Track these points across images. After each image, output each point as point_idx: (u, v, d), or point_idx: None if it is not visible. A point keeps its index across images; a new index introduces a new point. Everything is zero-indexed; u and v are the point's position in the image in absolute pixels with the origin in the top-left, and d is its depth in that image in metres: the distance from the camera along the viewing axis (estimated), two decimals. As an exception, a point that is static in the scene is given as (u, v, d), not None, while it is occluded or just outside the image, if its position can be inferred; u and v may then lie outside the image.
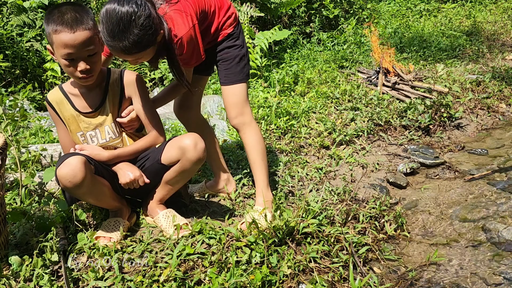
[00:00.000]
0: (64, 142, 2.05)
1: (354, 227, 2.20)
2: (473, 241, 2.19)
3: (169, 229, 2.04)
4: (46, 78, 4.77)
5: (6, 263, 1.82)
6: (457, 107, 3.84)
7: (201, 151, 1.90)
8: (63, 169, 1.74)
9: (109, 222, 2.04)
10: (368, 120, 3.54)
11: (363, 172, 2.83)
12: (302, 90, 4.37)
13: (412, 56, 5.43)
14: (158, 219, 2.10)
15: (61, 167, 1.74)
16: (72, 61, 1.79)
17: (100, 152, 1.92)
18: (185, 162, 1.92)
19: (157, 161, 1.97)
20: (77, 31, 1.74)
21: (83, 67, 1.80)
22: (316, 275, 1.84)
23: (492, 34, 6.19)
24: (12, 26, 4.93)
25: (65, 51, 1.76)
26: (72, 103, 1.99)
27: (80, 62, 1.79)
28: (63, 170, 1.74)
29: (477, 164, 3.02)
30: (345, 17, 7.23)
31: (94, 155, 1.90)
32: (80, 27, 1.75)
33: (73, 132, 2.01)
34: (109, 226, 2.02)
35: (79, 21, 1.75)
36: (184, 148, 1.89)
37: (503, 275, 1.92)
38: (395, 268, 2.00)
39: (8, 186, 2.43)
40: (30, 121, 3.47)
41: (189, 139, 1.89)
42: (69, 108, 1.99)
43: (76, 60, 1.79)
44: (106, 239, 1.97)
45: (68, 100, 1.99)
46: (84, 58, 1.80)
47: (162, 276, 1.75)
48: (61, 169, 1.74)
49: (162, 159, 1.95)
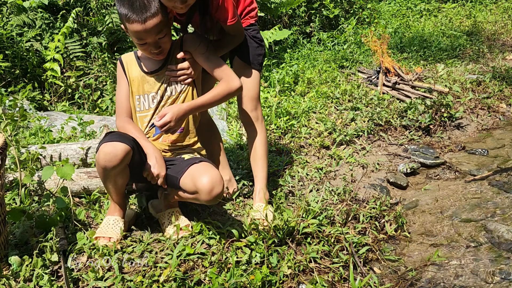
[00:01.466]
0: (121, 101, 2.09)
1: (354, 227, 2.20)
2: (473, 242, 2.19)
3: (169, 228, 2.04)
4: (46, 78, 4.77)
5: (6, 263, 1.82)
6: (457, 107, 3.83)
7: (216, 197, 1.82)
8: (107, 147, 1.79)
9: (108, 221, 2.03)
10: (368, 120, 3.53)
11: (363, 172, 2.82)
12: (302, 90, 4.37)
13: (412, 56, 5.42)
14: (163, 216, 2.10)
15: (107, 144, 1.79)
16: (145, 44, 1.90)
17: (180, 107, 1.93)
18: (199, 199, 1.88)
19: (177, 179, 1.92)
20: (147, 20, 1.81)
21: (155, 50, 1.92)
22: (316, 275, 1.83)
23: (493, 34, 6.19)
24: (12, 26, 4.92)
25: (136, 37, 1.88)
26: (141, 65, 2.07)
27: (152, 46, 1.90)
28: (107, 148, 1.79)
29: (477, 164, 3.01)
30: (345, 17, 7.23)
31: (175, 110, 1.91)
32: (149, 15, 1.81)
33: (133, 94, 2.07)
34: (108, 225, 2.02)
35: (148, 8, 1.81)
36: (199, 189, 1.81)
37: (503, 275, 1.92)
38: (395, 268, 2.00)
39: (7, 186, 2.43)
40: (29, 121, 3.46)
41: (207, 181, 1.80)
42: (136, 69, 2.07)
43: (148, 44, 1.89)
44: (106, 239, 1.96)
45: (138, 62, 2.07)
46: (155, 42, 1.89)
47: (162, 276, 1.74)
48: (106, 146, 1.79)
49: (180, 182, 1.90)
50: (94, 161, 2.71)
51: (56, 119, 3.76)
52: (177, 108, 1.91)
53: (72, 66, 5.02)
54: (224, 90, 2.00)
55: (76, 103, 4.81)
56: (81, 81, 4.90)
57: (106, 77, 4.96)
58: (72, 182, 2.39)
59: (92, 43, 5.21)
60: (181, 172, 1.90)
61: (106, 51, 5.19)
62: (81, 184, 2.41)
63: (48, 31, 5.09)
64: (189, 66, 2.03)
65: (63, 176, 2.05)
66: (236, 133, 3.39)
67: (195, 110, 1.99)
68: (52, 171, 2.07)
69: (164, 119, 1.88)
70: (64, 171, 2.07)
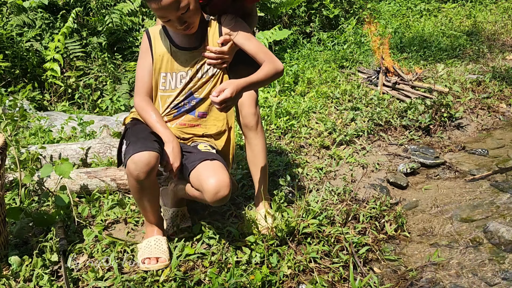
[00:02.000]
0: (142, 78, 1.94)
1: (354, 227, 2.20)
2: (473, 242, 2.19)
3: (170, 228, 2.04)
4: (46, 78, 4.77)
5: (6, 263, 1.82)
6: (457, 107, 3.83)
7: (221, 199, 1.74)
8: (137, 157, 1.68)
9: (148, 243, 1.90)
10: (368, 120, 3.53)
11: (363, 172, 2.82)
12: (302, 90, 4.37)
13: (412, 56, 5.42)
14: (168, 213, 2.07)
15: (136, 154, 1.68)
16: (169, 21, 1.80)
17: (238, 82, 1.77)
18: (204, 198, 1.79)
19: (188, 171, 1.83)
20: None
21: (180, 26, 1.81)
22: (316, 275, 1.83)
23: (493, 34, 6.19)
24: (12, 26, 4.93)
25: (158, 16, 1.80)
26: (172, 40, 1.93)
27: (176, 23, 1.80)
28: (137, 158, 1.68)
29: (477, 164, 3.01)
30: (345, 17, 7.23)
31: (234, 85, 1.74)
32: None
33: (159, 71, 1.93)
34: (149, 246, 1.88)
35: None
36: (205, 189, 1.74)
37: (503, 275, 1.92)
38: (395, 268, 2.00)
39: (7, 186, 2.43)
40: (29, 121, 3.47)
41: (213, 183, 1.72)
42: (166, 44, 1.93)
43: (172, 21, 1.79)
44: (153, 259, 1.83)
45: (168, 37, 1.94)
46: (179, 18, 1.78)
47: (162, 276, 1.75)
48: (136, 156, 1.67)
49: (190, 175, 1.81)
50: (93, 161, 2.72)
51: (56, 119, 3.76)
52: (236, 83, 1.74)
53: (72, 66, 5.03)
54: (272, 70, 1.87)
55: (76, 103, 4.82)
56: (81, 81, 4.91)
57: (106, 77, 4.96)
58: (72, 182, 2.39)
59: (92, 43, 5.21)
60: (193, 165, 1.80)
61: (106, 51, 5.20)
62: (81, 184, 2.41)
63: (48, 31, 5.10)
64: (229, 50, 1.94)
65: (61, 174, 2.06)
66: (236, 133, 3.39)
67: (248, 88, 1.82)
68: (50, 169, 2.08)
69: (224, 94, 1.69)
70: (62, 169, 2.08)
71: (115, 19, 5.27)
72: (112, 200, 2.34)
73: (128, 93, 5.02)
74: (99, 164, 2.69)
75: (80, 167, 2.69)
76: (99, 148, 2.80)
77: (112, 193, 2.41)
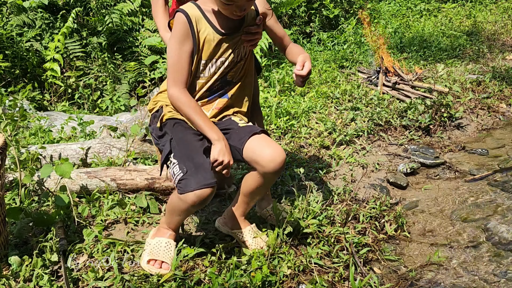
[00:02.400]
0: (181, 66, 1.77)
1: (354, 227, 2.20)
2: (473, 241, 2.19)
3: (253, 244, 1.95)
4: (46, 78, 4.77)
5: (6, 263, 1.82)
6: (457, 107, 3.83)
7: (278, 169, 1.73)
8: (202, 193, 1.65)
9: (159, 243, 1.87)
10: (368, 120, 3.53)
11: (363, 172, 2.82)
12: (302, 90, 4.37)
13: (412, 56, 5.42)
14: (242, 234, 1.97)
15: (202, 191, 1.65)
16: (231, 4, 1.68)
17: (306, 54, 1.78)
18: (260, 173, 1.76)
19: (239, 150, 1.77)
20: None
21: (239, 12, 1.70)
22: (316, 275, 1.83)
23: (493, 34, 6.18)
24: (12, 26, 4.93)
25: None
26: (212, 24, 1.78)
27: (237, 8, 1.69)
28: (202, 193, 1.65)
29: (477, 164, 3.01)
30: (345, 17, 7.22)
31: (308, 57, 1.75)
32: None
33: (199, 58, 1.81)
34: (159, 247, 1.85)
35: None
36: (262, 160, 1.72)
37: (503, 275, 1.92)
38: (395, 268, 2.00)
39: (7, 186, 2.43)
40: (29, 121, 3.47)
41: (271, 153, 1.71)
42: (209, 29, 1.77)
43: (235, 5, 1.68)
44: (158, 263, 1.82)
45: (207, 20, 1.78)
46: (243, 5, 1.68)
47: (163, 276, 1.74)
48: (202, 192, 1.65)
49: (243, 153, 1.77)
50: (93, 161, 2.72)
51: (56, 119, 3.76)
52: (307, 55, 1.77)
53: (72, 66, 5.03)
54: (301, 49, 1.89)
55: (76, 103, 4.82)
56: (81, 81, 4.91)
57: (106, 77, 4.97)
58: (72, 182, 2.39)
59: (92, 43, 5.21)
60: (243, 141, 1.76)
61: (106, 51, 5.20)
62: (81, 184, 2.41)
63: (48, 31, 5.10)
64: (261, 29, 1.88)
65: (61, 174, 2.06)
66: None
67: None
68: (50, 169, 2.07)
69: (309, 66, 1.71)
70: (62, 169, 2.07)
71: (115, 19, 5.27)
72: (112, 200, 2.34)
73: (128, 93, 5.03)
74: (99, 164, 2.69)
75: (80, 167, 2.69)
76: (99, 148, 2.80)
77: (112, 193, 2.41)
